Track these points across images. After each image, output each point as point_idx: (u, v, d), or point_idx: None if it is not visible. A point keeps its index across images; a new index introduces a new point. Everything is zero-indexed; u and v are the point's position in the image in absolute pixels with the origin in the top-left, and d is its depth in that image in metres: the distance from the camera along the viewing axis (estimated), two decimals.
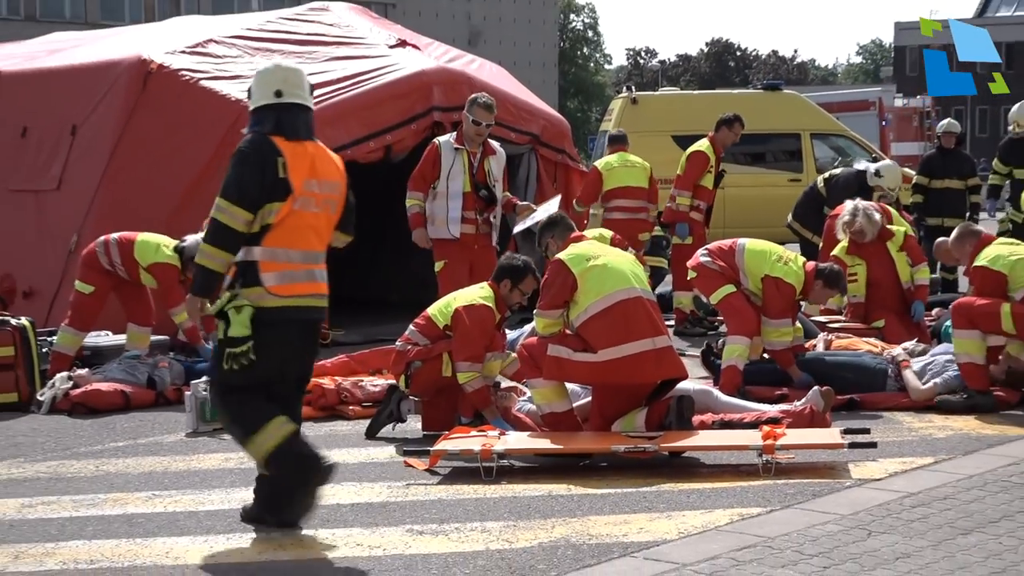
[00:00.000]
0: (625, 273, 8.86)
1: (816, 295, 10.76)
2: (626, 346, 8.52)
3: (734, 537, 6.56)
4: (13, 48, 19.06)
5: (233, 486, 8.19)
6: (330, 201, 7.32)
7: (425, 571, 6.25)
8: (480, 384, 9.23)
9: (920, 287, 12.38)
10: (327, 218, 7.34)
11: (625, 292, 8.70)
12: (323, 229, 7.34)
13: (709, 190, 15.22)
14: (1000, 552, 6.16)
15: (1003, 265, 9.85)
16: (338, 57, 16.00)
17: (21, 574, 6.48)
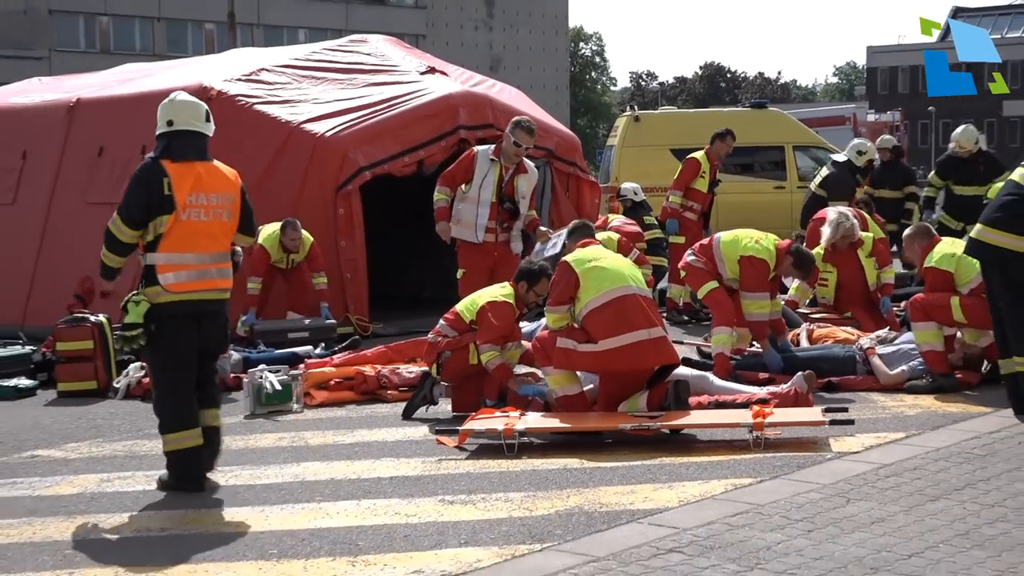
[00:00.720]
0: (622, 273, 8.93)
1: (785, 270, 10.76)
2: (622, 336, 8.59)
3: (728, 504, 6.58)
4: (91, 78, 19.10)
5: (286, 462, 8.22)
6: (222, 210, 7.75)
7: (455, 536, 6.27)
8: (500, 362, 9.32)
9: (885, 285, 12.43)
10: (220, 224, 7.76)
11: (621, 289, 8.75)
12: (217, 234, 7.74)
13: (704, 193, 15.15)
14: (964, 516, 6.17)
15: (949, 264, 9.91)
16: (375, 83, 16.02)
17: (101, 541, 6.51)
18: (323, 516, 6.80)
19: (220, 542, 6.37)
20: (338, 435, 9.11)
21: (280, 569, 5.86)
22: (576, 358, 8.77)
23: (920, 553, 5.61)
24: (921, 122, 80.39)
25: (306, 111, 14.82)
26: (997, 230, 8.52)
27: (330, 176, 14.23)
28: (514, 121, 12.06)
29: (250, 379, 10.16)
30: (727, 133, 15.20)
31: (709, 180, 15.21)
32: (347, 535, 6.38)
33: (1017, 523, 6.03)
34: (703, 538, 5.94)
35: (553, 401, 9.02)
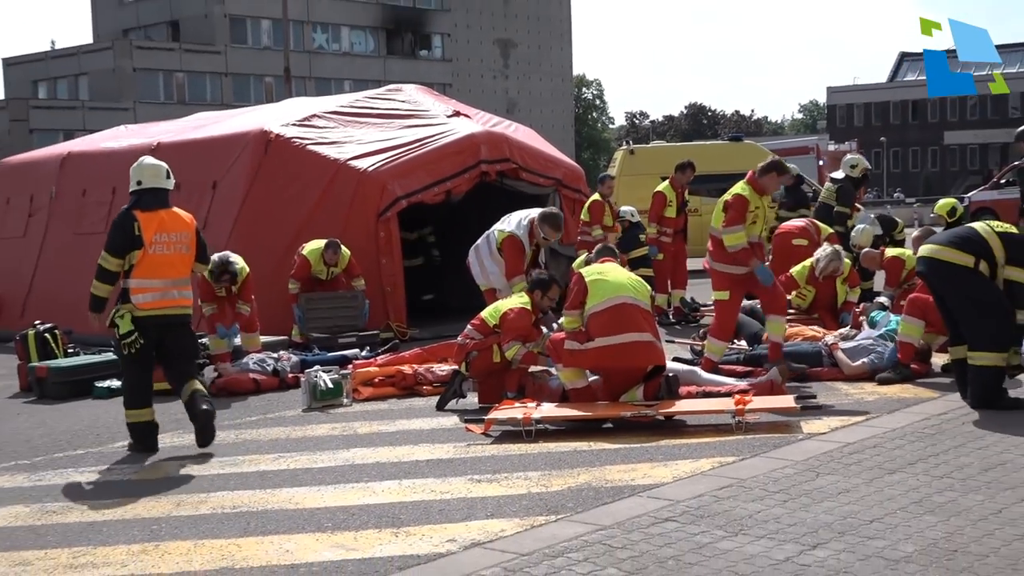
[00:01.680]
0: (624, 285, 8.96)
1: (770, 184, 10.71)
2: (616, 336, 8.65)
3: (715, 479, 6.57)
4: (169, 125, 19.23)
5: (338, 448, 8.23)
6: (180, 244, 8.65)
7: (483, 510, 6.27)
8: (524, 352, 9.44)
9: (847, 302, 12.45)
10: (179, 256, 8.65)
11: (620, 298, 8.79)
12: (177, 263, 8.65)
13: (674, 219, 15.12)
14: (917, 487, 6.16)
15: None
16: (409, 125, 16.10)
17: (182, 518, 6.52)
18: (370, 494, 6.80)
19: (284, 517, 6.38)
20: (382, 425, 9.11)
21: (334, 539, 5.86)
22: (580, 357, 8.81)
23: (880, 519, 5.60)
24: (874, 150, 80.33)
25: (351, 150, 14.89)
26: (943, 247, 8.47)
27: (372, 205, 14.29)
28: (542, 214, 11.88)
29: (307, 378, 10.17)
30: (687, 165, 15.23)
31: (677, 205, 15.14)
32: (391, 510, 6.39)
33: (962, 491, 6.01)
34: (694, 508, 5.94)
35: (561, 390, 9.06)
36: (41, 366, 11.83)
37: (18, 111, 67.74)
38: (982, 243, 8.37)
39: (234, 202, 14.73)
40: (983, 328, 8.29)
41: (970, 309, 8.40)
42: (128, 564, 5.67)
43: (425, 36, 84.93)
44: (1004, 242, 8.35)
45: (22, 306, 16.91)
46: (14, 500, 7.19)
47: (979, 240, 8.40)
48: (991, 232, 8.42)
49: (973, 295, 8.37)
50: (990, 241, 8.36)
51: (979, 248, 8.34)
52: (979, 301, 8.34)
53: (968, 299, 8.40)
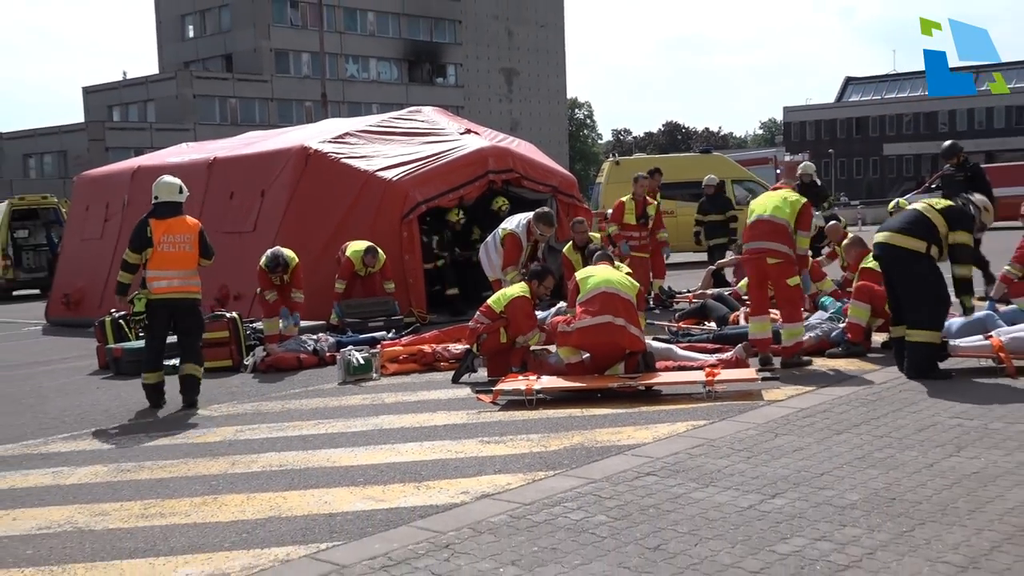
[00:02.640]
0: (609, 279, 8.99)
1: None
2: (594, 318, 8.69)
3: (689, 440, 6.56)
4: (224, 142, 19.21)
5: (369, 416, 8.22)
6: (184, 244, 9.30)
7: (491, 466, 6.27)
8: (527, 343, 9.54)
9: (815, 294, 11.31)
10: (184, 253, 9.29)
11: (602, 289, 8.82)
12: (181, 259, 9.29)
13: (634, 225, 14.48)
14: (861, 445, 6.15)
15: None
16: (427, 141, 16.06)
17: (236, 475, 6.53)
18: (396, 454, 6.80)
19: (323, 474, 6.39)
20: (406, 395, 9.11)
21: (365, 492, 5.87)
22: (567, 336, 8.87)
23: (829, 472, 5.59)
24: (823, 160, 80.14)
25: (378, 163, 14.87)
26: (897, 234, 8.43)
27: (396, 209, 14.28)
28: (536, 214, 12.09)
29: (341, 356, 10.18)
30: (645, 175, 15.02)
31: (637, 213, 14.52)
32: (413, 467, 6.39)
33: (899, 448, 6.00)
34: (671, 464, 5.93)
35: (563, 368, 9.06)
36: (116, 347, 11.86)
37: (96, 132, 67.97)
38: (928, 224, 8.33)
39: (279, 207, 14.72)
40: (923, 309, 8.27)
41: (914, 291, 8.36)
42: (191, 514, 5.68)
43: (441, 66, 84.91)
44: (945, 216, 8.33)
45: (100, 297, 16.91)
46: (94, 461, 7.22)
47: (925, 222, 8.36)
48: (932, 210, 8.38)
49: (919, 278, 8.31)
50: (933, 219, 8.33)
51: (927, 231, 8.30)
52: (923, 285, 8.29)
53: (914, 281, 8.36)
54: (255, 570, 4.66)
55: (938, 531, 4.57)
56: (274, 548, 4.97)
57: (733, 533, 4.67)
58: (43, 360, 13.58)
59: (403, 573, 4.43)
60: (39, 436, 8.27)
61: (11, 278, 27.13)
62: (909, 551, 4.34)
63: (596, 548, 4.59)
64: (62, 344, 15.36)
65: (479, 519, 5.12)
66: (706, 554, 4.42)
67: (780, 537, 4.59)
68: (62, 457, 7.41)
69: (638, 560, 4.40)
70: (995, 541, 4.41)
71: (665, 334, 11.35)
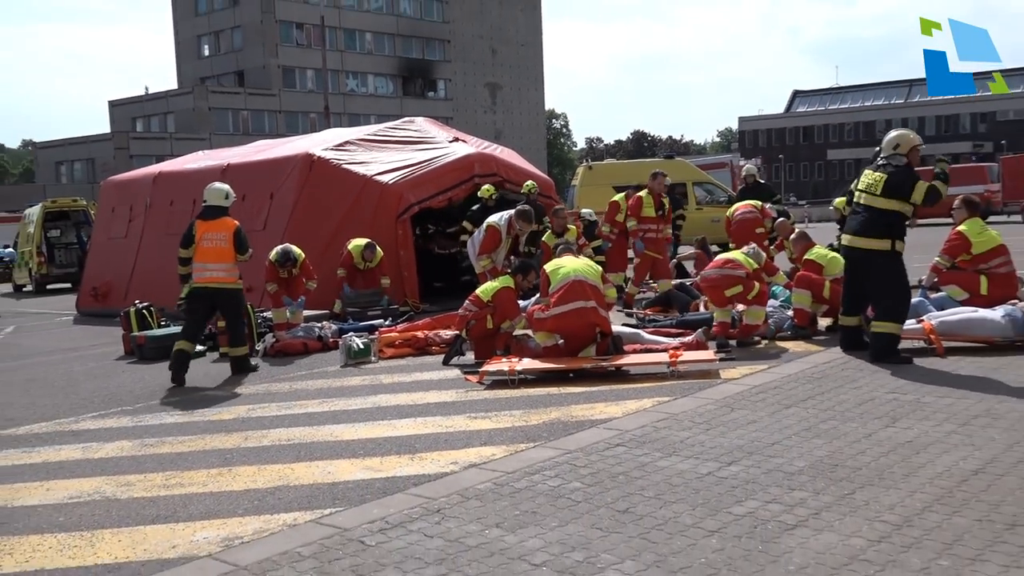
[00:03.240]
0: (576, 268, 8.99)
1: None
2: (568, 304, 8.69)
3: (654, 414, 6.55)
4: (237, 150, 19.08)
5: (368, 395, 8.19)
6: (220, 240, 9.81)
7: (478, 439, 6.26)
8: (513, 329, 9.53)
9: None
10: (220, 248, 9.80)
11: (572, 278, 8.82)
12: (218, 253, 9.80)
13: (652, 217, 13.34)
14: (807, 418, 6.16)
15: (822, 259, 9.86)
16: (419, 148, 15.99)
17: (249, 448, 6.50)
18: (392, 429, 6.78)
19: (326, 447, 6.37)
20: (401, 376, 9.08)
21: (365, 463, 5.85)
22: (543, 322, 8.86)
23: (779, 442, 5.60)
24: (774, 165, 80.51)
25: (375, 168, 14.80)
26: (862, 237, 8.23)
27: (391, 209, 14.22)
28: (518, 211, 12.08)
29: (343, 342, 10.15)
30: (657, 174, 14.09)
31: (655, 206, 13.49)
32: (408, 440, 6.37)
33: (841, 420, 6.02)
34: (638, 436, 5.93)
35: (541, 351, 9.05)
36: (140, 335, 11.78)
37: (120, 141, 67.51)
38: (880, 215, 8.12)
39: (286, 208, 14.64)
40: (886, 302, 8.15)
41: (879, 286, 8.23)
42: (208, 484, 5.65)
43: (432, 81, 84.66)
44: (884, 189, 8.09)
45: (125, 290, 16.81)
46: (120, 437, 7.17)
47: (877, 215, 8.14)
48: (872, 196, 8.20)
49: (883, 275, 8.17)
50: (876, 204, 8.14)
51: (884, 227, 8.10)
52: (887, 280, 8.16)
53: (879, 278, 8.22)
54: (265, 534, 4.64)
55: (876, 494, 4.59)
56: (282, 514, 4.95)
57: (694, 497, 4.68)
58: (74, 347, 13.49)
59: (399, 535, 4.42)
60: (70, 415, 8.22)
61: (45, 273, 27.04)
62: (850, 511, 4.36)
63: (571, 511, 4.59)
64: (91, 332, 15.25)
65: (467, 486, 5.12)
66: (670, 516, 4.43)
67: (736, 500, 4.60)
68: (91, 434, 7.37)
69: (609, 522, 4.41)
70: (926, 502, 4.44)
71: (633, 320, 11.38)
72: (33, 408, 8.69)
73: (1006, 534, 4.01)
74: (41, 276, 26.98)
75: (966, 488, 4.61)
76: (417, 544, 4.28)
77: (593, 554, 4.03)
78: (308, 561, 4.17)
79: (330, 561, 4.15)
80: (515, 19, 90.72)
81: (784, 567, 3.78)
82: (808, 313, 9.70)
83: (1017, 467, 4.90)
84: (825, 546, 3.97)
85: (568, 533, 4.29)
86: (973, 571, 3.66)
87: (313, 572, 4.05)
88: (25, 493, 5.74)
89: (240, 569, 4.15)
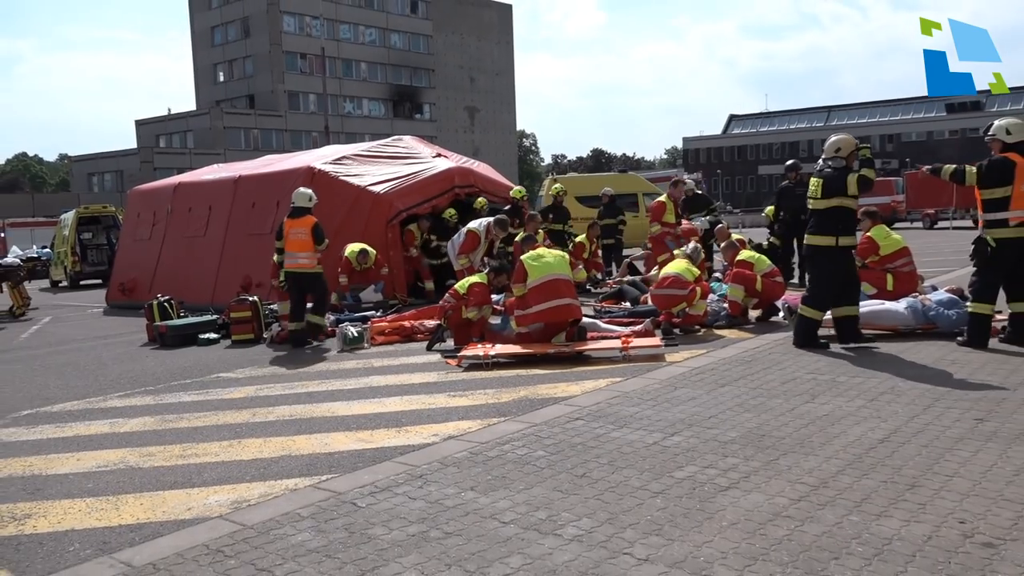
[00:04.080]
0: (552, 264, 8.89)
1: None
2: (549, 302, 8.63)
3: (609, 392, 6.55)
4: (247, 163, 18.85)
5: (360, 376, 8.13)
6: (302, 234, 10.44)
7: (456, 415, 6.22)
8: (480, 317, 9.35)
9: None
10: (302, 240, 10.43)
11: (551, 275, 8.76)
12: (301, 245, 10.44)
13: (673, 223, 12.75)
14: (740, 395, 6.18)
15: (751, 259, 9.90)
16: (407, 163, 15.87)
17: (256, 423, 6.42)
18: (382, 406, 6.73)
19: (325, 422, 6.31)
20: (390, 360, 9.01)
21: (358, 436, 5.80)
22: (525, 317, 8.78)
23: (715, 416, 5.62)
24: (713, 179, 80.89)
25: (368, 180, 14.67)
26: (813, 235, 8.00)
27: (383, 216, 14.11)
28: (496, 219, 12.00)
29: (339, 330, 10.04)
30: (677, 181, 13.55)
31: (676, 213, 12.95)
32: (395, 416, 6.33)
33: (768, 397, 6.04)
34: (594, 411, 5.93)
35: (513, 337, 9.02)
36: (162, 325, 11.60)
37: (146, 156, 66.61)
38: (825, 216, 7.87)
39: None
40: (813, 291, 8.09)
41: (813, 275, 8.19)
42: (220, 454, 5.58)
43: (418, 105, 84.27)
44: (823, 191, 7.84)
45: (149, 286, 16.57)
46: (143, 414, 7.06)
47: (823, 216, 7.89)
48: (816, 200, 7.94)
49: (817, 267, 8.05)
50: (820, 206, 7.89)
51: (830, 225, 7.85)
52: (821, 271, 8.02)
53: (814, 269, 8.14)
54: (269, 497, 4.59)
55: (797, 459, 4.61)
56: (285, 480, 4.90)
57: (641, 463, 4.69)
58: (103, 335, 13.29)
59: (386, 497, 4.38)
60: (99, 395, 8.09)
61: (79, 271, 26.66)
62: (775, 475, 4.38)
63: (536, 476, 4.57)
64: (119, 322, 15.03)
65: (446, 455, 5.09)
66: (620, 479, 4.43)
67: (677, 466, 4.61)
68: (118, 411, 7.25)
69: (568, 485, 4.40)
70: (840, 467, 4.47)
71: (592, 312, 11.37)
72: (67, 388, 8.55)
73: (907, 493, 4.04)
74: (75, 273, 26.59)
75: (873, 454, 4.64)
76: (402, 505, 4.25)
77: (554, 513, 4.02)
78: (307, 521, 4.13)
79: (326, 521, 4.11)
80: (491, 52, 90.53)
81: (718, 523, 3.79)
82: (740, 305, 9.76)
83: (917, 436, 4.95)
84: (753, 504, 3.98)
85: (533, 495, 4.28)
86: (879, 525, 3.69)
87: (311, 531, 4.01)
88: (58, 463, 5.65)
89: (247, 528, 4.10)
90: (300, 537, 3.93)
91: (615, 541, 3.66)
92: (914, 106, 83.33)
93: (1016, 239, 7.41)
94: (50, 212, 49.52)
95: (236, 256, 14.81)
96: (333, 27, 75.69)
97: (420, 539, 3.81)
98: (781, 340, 8.48)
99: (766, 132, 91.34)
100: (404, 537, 3.84)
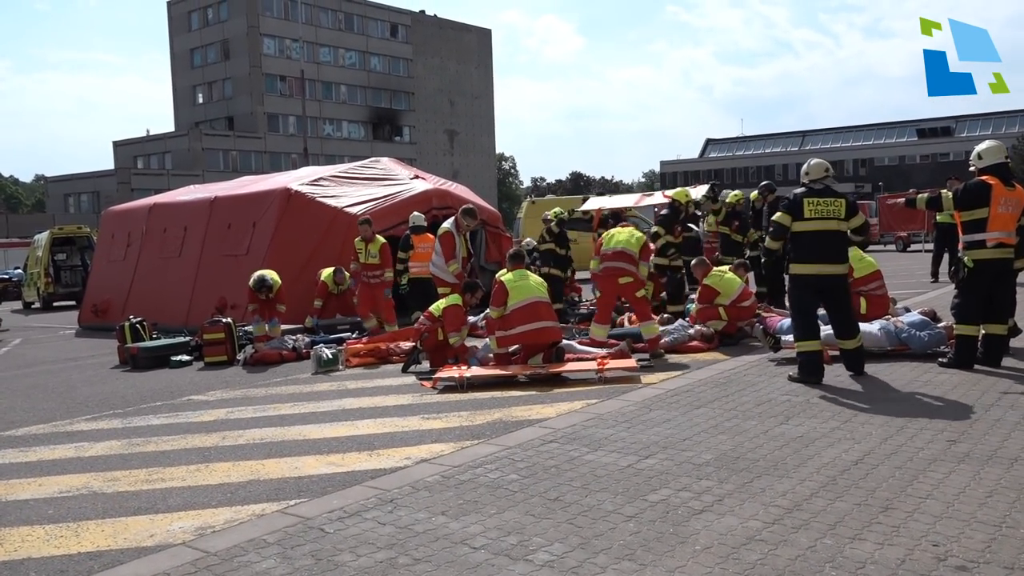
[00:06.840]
0: (533, 287, 8.89)
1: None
2: (530, 324, 8.61)
3: (583, 414, 6.49)
4: (224, 184, 18.76)
5: (335, 399, 8.01)
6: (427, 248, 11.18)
7: (429, 437, 6.13)
8: (460, 342, 9.31)
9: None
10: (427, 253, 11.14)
11: (532, 298, 8.76)
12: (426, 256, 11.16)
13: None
14: (715, 417, 6.14)
15: (716, 283, 9.93)
16: (384, 184, 15.84)
17: (225, 447, 6.28)
18: (355, 429, 6.62)
19: (295, 445, 6.19)
20: (365, 382, 8.91)
21: (328, 459, 5.69)
22: (507, 339, 8.78)
23: (689, 438, 5.57)
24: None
25: (345, 200, 14.62)
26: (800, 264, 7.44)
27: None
28: (462, 209, 11.71)
29: (314, 352, 9.93)
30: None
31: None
32: (368, 439, 6.23)
33: (743, 419, 6.01)
34: (569, 433, 5.86)
35: (490, 359, 8.95)
36: (133, 346, 11.43)
37: (123, 176, 66.16)
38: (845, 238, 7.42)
39: (267, 236, 14.35)
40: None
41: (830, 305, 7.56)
42: (186, 479, 5.44)
43: (398, 127, 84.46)
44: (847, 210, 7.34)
45: (122, 307, 16.36)
46: (110, 437, 6.90)
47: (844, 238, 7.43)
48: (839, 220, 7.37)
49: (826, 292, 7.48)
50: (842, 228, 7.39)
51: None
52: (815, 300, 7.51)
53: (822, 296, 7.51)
54: (235, 523, 4.47)
55: (771, 482, 4.57)
56: (252, 505, 4.78)
57: (615, 486, 4.62)
58: (74, 357, 13.06)
59: (355, 523, 4.28)
60: (66, 418, 7.91)
61: (52, 292, 26.34)
62: (749, 497, 4.33)
63: (508, 500, 4.49)
64: (90, 344, 14.79)
65: (418, 479, 4.99)
66: (594, 503, 4.36)
67: (651, 489, 4.55)
68: (84, 435, 7.08)
69: (541, 509, 4.32)
70: (814, 489, 4.43)
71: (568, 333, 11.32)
72: (33, 411, 8.36)
73: (881, 516, 4.00)
74: (48, 294, 26.24)
75: (847, 476, 4.61)
76: (371, 531, 4.15)
77: (526, 538, 3.94)
78: (272, 547, 4.02)
79: (292, 547, 4.00)
80: (470, 75, 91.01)
81: (692, 547, 3.73)
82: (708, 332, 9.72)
83: (890, 458, 4.93)
84: (727, 528, 3.92)
85: (505, 519, 4.19)
86: (853, 548, 3.64)
87: (276, 557, 3.89)
88: (19, 488, 5.48)
89: (210, 555, 3.98)
90: (265, 564, 3.81)
91: (587, 566, 3.58)
92: (886, 131, 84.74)
93: (993, 260, 7.48)
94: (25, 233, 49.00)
95: (211, 277, 14.65)
96: (313, 50, 75.88)
97: (388, 566, 3.71)
98: (756, 362, 8.46)
99: (742, 156, 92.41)
100: (372, 564, 3.74)
